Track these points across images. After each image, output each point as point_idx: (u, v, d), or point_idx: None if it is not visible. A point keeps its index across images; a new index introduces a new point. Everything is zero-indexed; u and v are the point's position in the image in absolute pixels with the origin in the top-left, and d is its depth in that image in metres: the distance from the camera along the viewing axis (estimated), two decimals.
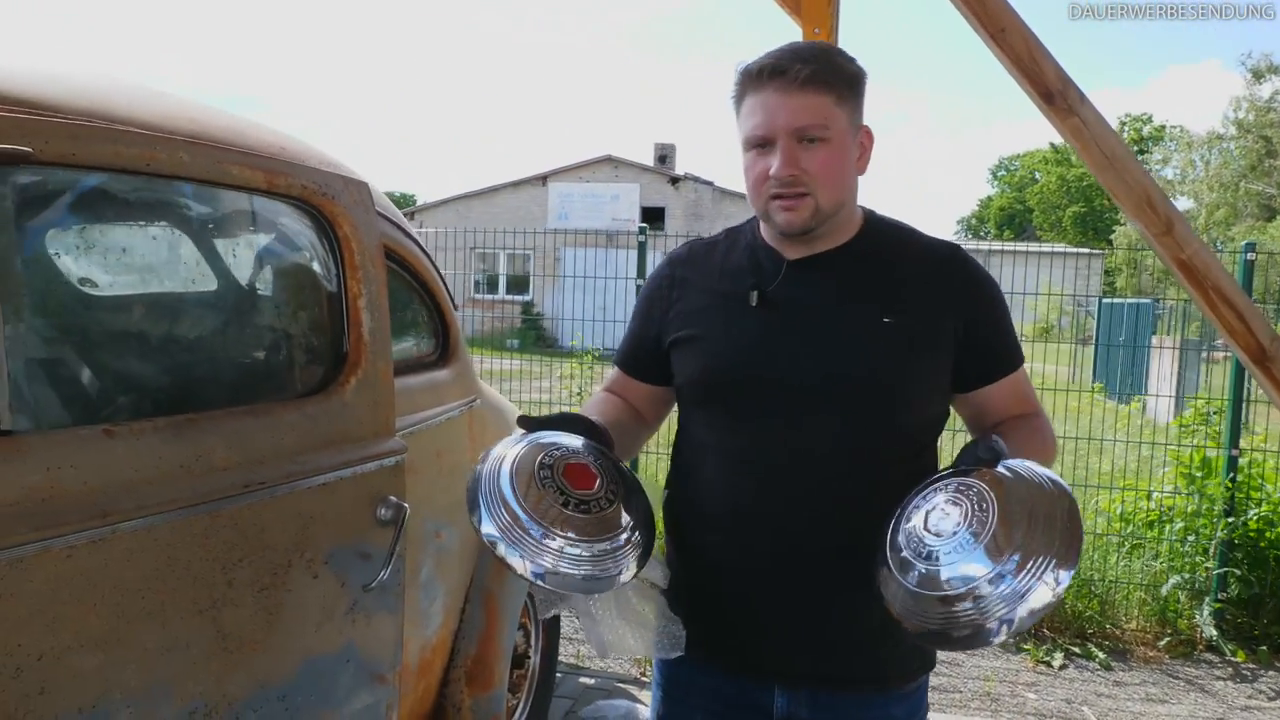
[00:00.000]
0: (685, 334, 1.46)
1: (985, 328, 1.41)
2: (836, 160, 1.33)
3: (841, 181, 1.36)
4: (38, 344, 1.29)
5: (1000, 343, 1.43)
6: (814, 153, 1.31)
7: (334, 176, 1.63)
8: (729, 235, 1.53)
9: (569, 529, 1.21)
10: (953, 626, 1.11)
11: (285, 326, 1.68)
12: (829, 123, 1.31)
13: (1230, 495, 4.25)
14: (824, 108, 1.31)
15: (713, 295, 1.45)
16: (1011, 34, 3.10)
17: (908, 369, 1.36)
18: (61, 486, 1.14)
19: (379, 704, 1.70)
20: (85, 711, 1.16)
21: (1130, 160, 3.14)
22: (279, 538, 1.43)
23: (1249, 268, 4.16)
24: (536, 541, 1.19)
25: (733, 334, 1.41)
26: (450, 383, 2.28)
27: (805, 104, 1.30)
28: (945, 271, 1.41)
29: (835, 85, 1.32)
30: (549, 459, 1.27)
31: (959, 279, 1.41)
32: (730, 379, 1.40)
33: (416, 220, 24.30)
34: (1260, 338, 3.13)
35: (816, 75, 1.30)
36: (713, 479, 1.43)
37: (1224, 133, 33.26)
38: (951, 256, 1.43)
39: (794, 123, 1.30)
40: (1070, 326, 11.24)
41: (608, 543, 1.23)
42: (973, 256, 1.45)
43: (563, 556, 1.20)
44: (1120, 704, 3.64)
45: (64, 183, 1.28)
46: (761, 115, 1.32)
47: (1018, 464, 1.21)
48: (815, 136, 1.31)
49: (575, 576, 1.20)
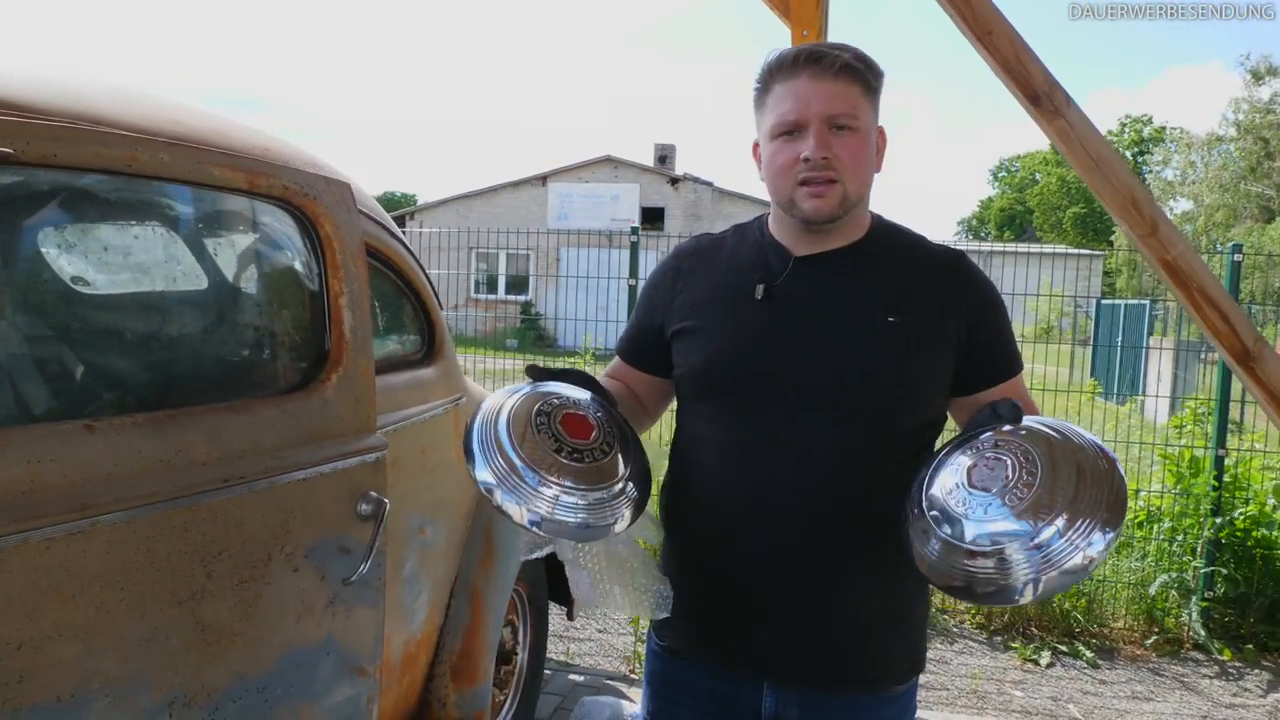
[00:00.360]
0: (688, 325, 1.46)
1: (987, 331, 1.42)
2: (864, 150, 1.36)
3: (867, 172, 1.39)
4: (19, 340, 1.31)
5: (1001, 347, 1.44)
6: (844, 140, 1.34)
7: (315, 177, 1.66)
8: (737, 231, 1.54)
9: (565, 476, 1.22)
10: (976, 583, 1.11)
11: (267, 324, 1.71)
12: (858, 113, 1.34)
13: (1217, 495, 4.27)
14: (855, 97, 1.34)
15: (718, 288, 1.45)
16: (998, 36, 3.13)
17: (909, 370, 1.37)
18: (41, 480, 1.16)
19: (359, 696, 1.72)
20: (64, 700, 1.18)
21: (1116, 162, 3.16)
22: (259, 531, 1.45)
23: (1236, 269, 4.19)
24: (532, 489, 1.21)
25: (736, 328, 1.41)
26: (435, 381, 2.30)
27: (839, 91, 1.33)
28: (950, 275, 1.43)
29: (866, 77, 1.36)
30: (547, 406, 1.29)
31: (963, 283, 1.43)
32: (732, 373, 1.40)
33: (417, 220, 24.34)
34: (1244, 338, 3.15)
35: (851, 65, 1.34)
36: (710, 473, 1.43)
37: (1223, 134, 33.25)
38: (957, 261, 1.45)
39: (828, 109, 1.33)
40: (1070, 328, 11.26)
41: (603, 492, 1.24)
42: (975, 264, 1.48)
43: (558, 504, 1.21)
44: (1106, 701, 3.66)
45: (46, 183, 1.31)
46: (793, 101, 1.34)
47: (1057, 423, 1.21)
48: (846, 125, 1.34)
49: (570, 524, 1.21)
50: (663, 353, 1.51)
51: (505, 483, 1.22)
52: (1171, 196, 36.01)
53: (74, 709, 1.19)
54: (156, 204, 1.53)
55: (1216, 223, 32.02)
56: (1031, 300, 8.32)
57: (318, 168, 1.70)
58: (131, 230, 1.57)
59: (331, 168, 1.78)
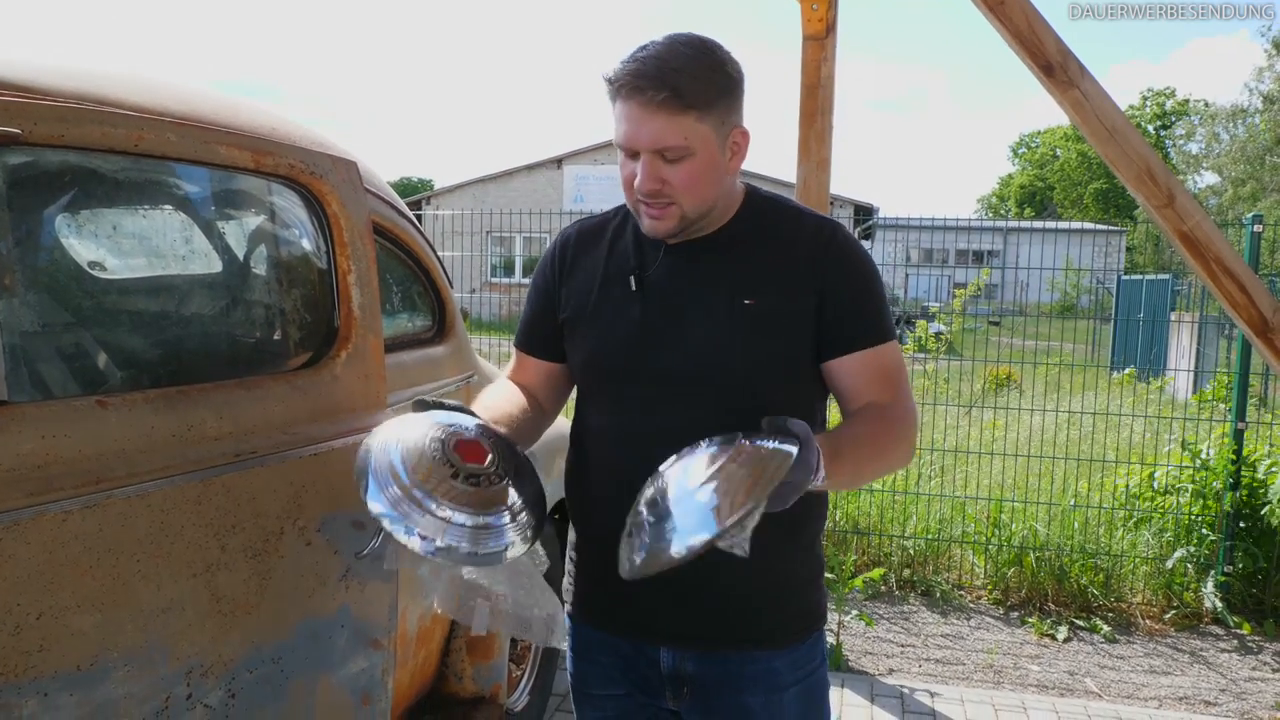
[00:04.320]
0: (572, 315, 1.51)
1: (843, 298, 1.40)
2: (700, 172, 1.33)
3: (706, 190, 1.36)
4: (33, 319, 1.34)
5: (859, 315, 1.40)
6: (677, 168, 1.32)
7: (321, 155, 1.67)
8: (619, 214, 1.55)
9: (460, 501, 1.22)
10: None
11: (276, 302, 1.73)
12: (689, 140, 1.31)
13: (1236, 469, 4.24)
14: (683, 127, 1.30)
15: (597, 278, 1.49)
16: (1010, 6, 3.10)
17: (760, 352, 1.38)
18: (56, 454, 1.19)
19: (374, 668, 1.75)
20: (84, 669, 1.21)
21: (1131, 132, 3.13)
22: (271, 505, 1.48)
23: (1255, 240, 4.13)
24: (425, 513, 1.20)
25: (613, 318, 1.46)
26: (446, 358, 2.32)
27: (665, 126, 1.29)
28: (811, 244, 1.41)
29: (696, 103, 1.29)
30: (441, 433, 1.29)
31: (822, 249, 1.41)
32: (608, 366, 1.46)
33: (433, 205, 24.39)
34: (1263, 309, 3.12)
35: (672, 99, 1.28)
36: (596, 458, 1.50)
37: (1247, 106, 32.71)
38: (819, 228, 1.43)
39: (655, 144, 1.31)
40: (1091, 305, 11.16)
41: (493, 517, 1.25)
42: (849, 233, 1.45)
43: (450, 528, 1.21)
44: (1123, 675, 3.66)
45: (54, 163, 1.33)
46: (626, 126, 1.32)
47: (770, 441, 1.18)
48: (677, 156, 1.31)
49: (461, 551, 1.21)
50: (557, 339, 1.55)
51: (398, 507, 1.21)
52: (1196, 170, 35.51)
53: (93, 678, 1.22)
54: (164, 183, 1.54)
55: (1243, 196, 31.54)
56: (1049, 276, 8.24)
57: (324, 146, 1.72)
58: (139, 210, 1.59)
59: (338, 146, 1.80)
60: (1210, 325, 9.19)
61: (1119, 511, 4.59)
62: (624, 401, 1.45)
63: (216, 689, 1.40)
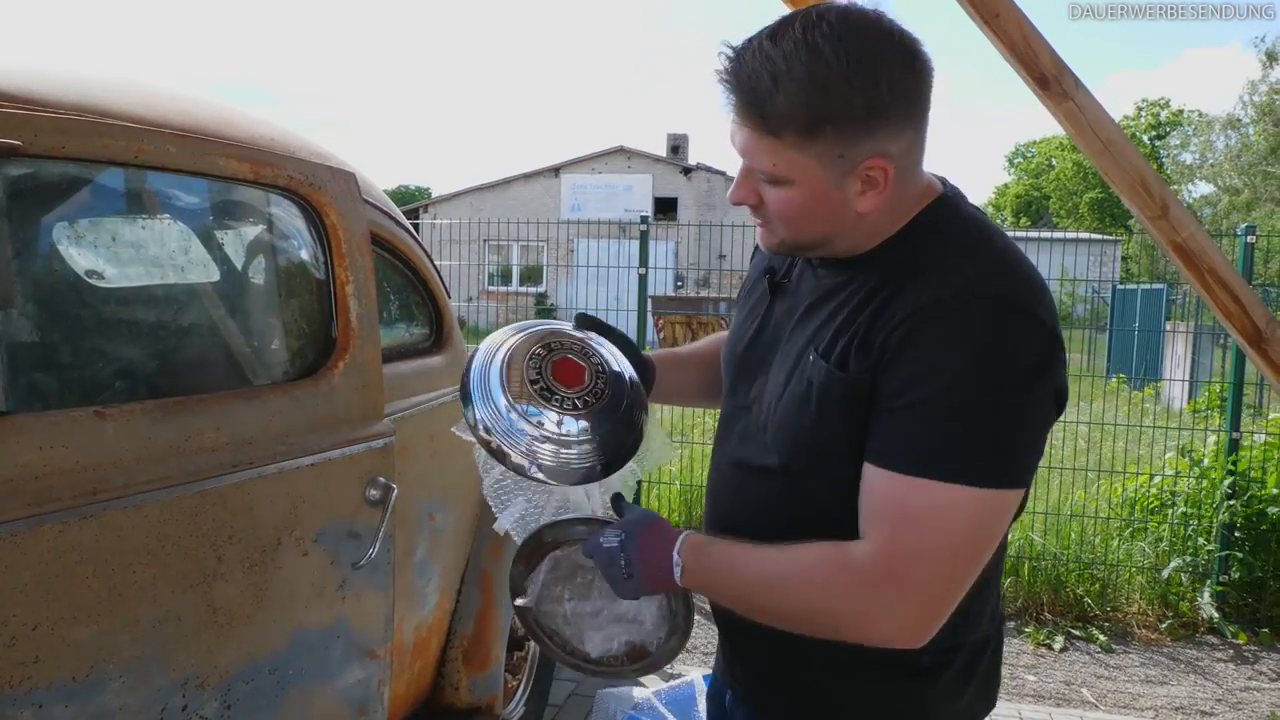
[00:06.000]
0: (741, 291, 1.37)
1: (897, 396, 1.00)
2: (800, 204, 1.05)
3: (809, 225, 1.08)
4: (31, 330, 1.34)
5: (900, 423, 1.00)
6: (774, 191, 1.06)
7: (320, 167, 1.68)
8: None
9: (531, 404, 1.23)
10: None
11: (273, 313, 1.73)
12: (779, 169, 1.03)
13: (1232, 478, 4.25)
14: (772, 153, 1.02)
15: (757, 270, 1.32)
16: (1006, 19, 3.11)
17: (796, 420, 1.10)
18: (54, 465, 1.19)
19: (370, 679, 1.75)
20: (79, 680, 1.21)
21: (1125, 144, 3.14)
22: (268, 516, 1.48)
23: (1248, 250, 4.15)
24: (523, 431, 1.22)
25: (744, 318, 1.30)
26: (444, 369, 2.32)
27: (753, 144, 1.03)
28: (916, 316, 1.01)
29: (787, 130, 1.00)
30: (555, 342, 1.29)
31: (901, 322, 1.01)
32: (725, 363, 1.32)
33: (431, 213, 24.41)
34: (1256, 319, 3.14)
35: (756, 119, 1.01)
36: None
37: (1241, 117, 32.86)
38: (937, 302, 1.00)
39: (745, 156, 1.07)
40: (1087, 314, 11.18)
41: (524, 428, 1.23)
42: (982, 314, 0.98)
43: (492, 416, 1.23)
44: (1119, 685, 3.66)
45: (55, 174, 1.33)
46: (730, 126, 1.07)
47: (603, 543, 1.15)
48: (772, 178, 1.05)
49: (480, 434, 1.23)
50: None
51: (497, 424, 1.23)
52: (1190, 180, 35.64)
53: (89, 689, 1.22)
54: (163, 194, 1.55)
55: (1237, 206, 31.66)
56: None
57: (323, 157, 1.72)
58: (139, 221, 1.60)
59: (336, 157, 1.80)
60: (1205, 335, 9.22)
61: (1115, 521, 4.60)
62: (724, 408, 1.29)
63: (212, 700, 1.40)
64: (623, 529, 1.15)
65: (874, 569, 0.99)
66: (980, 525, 0.99)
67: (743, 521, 1.18)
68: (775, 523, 1.13)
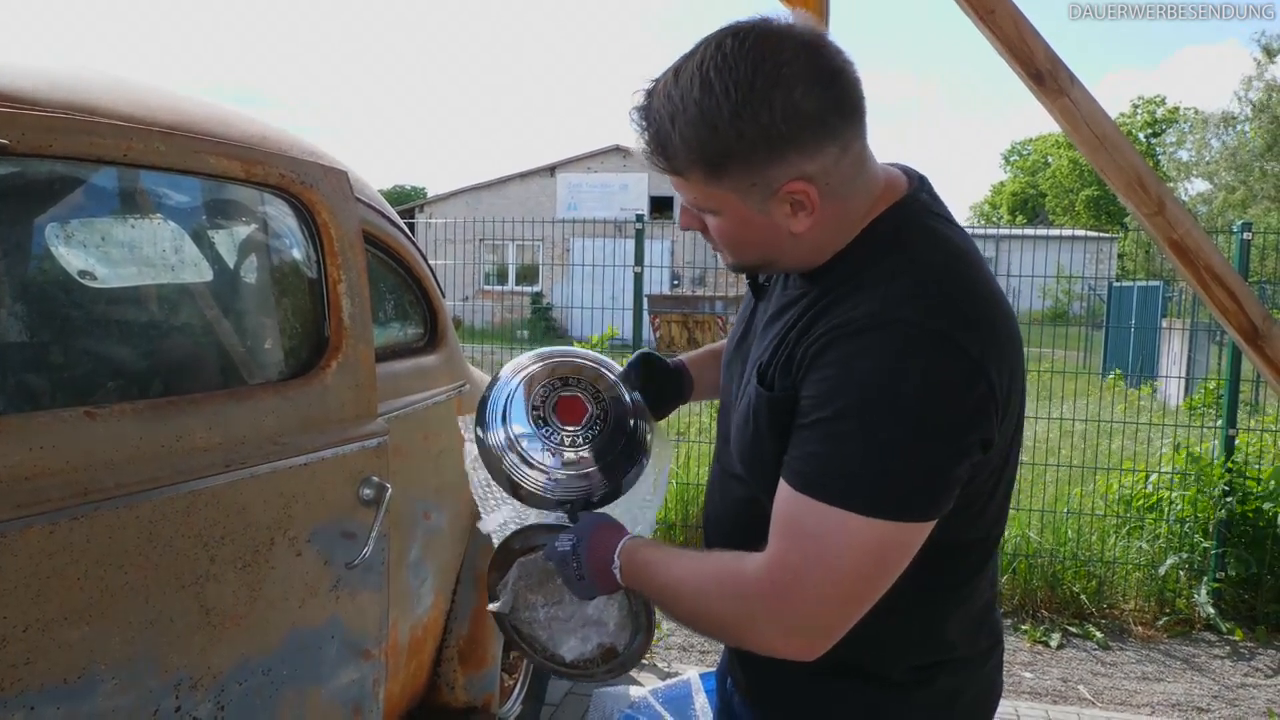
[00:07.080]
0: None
1: (804, 414, 1.00)
2: (730, 231, 1.06)
3: (748, 249, 1.08)
4: (20, 330, 1.33)
5: (803, 441, 0.99)
6: (710, 218, 1.07)
7: (312, 165, 1.67)
8: None
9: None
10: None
11: (265, 312, 1.72)
12: (700, 200, 1.04)
13: (1228, 475, 4.25)
14: (687, 187, 1.03)
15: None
16: (1000, 15, 3.11)
17: (744, 434, 1.12)
18: (44, 465, 1.18)
19: (365, 679, 1.75)
20: (70, 682, 1.20)
21: (1121, 141, 3.14)
22: (261, 516, 1.47)
23: (1245, 247, 4.16)
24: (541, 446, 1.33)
25: (736, 321, 1.30)
26: (438, 368, 2.31)
27: (673, 179, 1.04)
28: (828, 334, 1.00)
29: (689, 168, 1.00)
30: (573, 377, 1.38)
31: (817, 339, 1.01)
32: (722, 370, 1.33)
33: (426, 212, 24.38)
34: (1252, 316, 3.13)
35: (659, 159, 1.02)
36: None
37: (1237, 114, 32.92)
38: (848, 322, 0.98)
39: (676, 189, 1.07)
40: (1083, 311, 11.19)
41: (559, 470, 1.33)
42: (890, 339, 0.95)
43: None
44: (1116, 682, 3.66)
45: (43, 173, 1.33)
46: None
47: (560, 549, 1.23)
48: (701, 209, 1.06)
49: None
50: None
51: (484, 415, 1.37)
52: (1186, 177, 35.70)
53: (80, 691, 1.21)
54: (153, 193, 1.54)
55: (1233, 203, 31.72)
56: (1043, 283, 8.28)
57: (314, 156, 1.72)
58: (129, 219, 1.59)
59: (329, 155, 1.79)
60: (1201, 332, 9.23)
61: (1111, 518, 4.60)
62: (719, 408, 1.30)
63: (205, 701, 1.39)
64: (575, 533, 1.22)
65: (760, 581, 1.00)
66: (867, 553, 0.96)
67: (724, 523, 1.24)
68: (744, 527, 1.13)
